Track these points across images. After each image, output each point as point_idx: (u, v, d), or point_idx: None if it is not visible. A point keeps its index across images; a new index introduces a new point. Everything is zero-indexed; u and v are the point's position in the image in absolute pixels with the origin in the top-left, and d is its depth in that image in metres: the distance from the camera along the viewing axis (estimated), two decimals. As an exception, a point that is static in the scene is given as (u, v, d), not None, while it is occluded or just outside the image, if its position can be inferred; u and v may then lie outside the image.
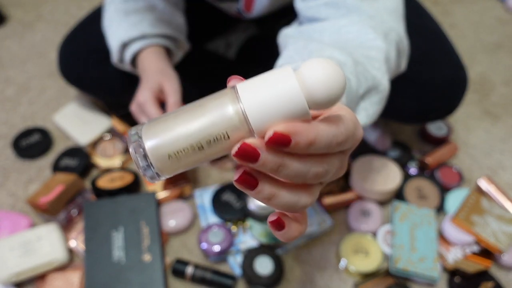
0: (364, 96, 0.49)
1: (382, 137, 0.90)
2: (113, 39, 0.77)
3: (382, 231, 0.81)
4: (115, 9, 0.78)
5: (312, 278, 0.77)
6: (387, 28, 0.54)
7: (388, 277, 0.76)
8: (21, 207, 0.87)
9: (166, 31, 0.79)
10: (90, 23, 0.88)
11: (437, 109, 0.78)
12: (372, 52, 0.50)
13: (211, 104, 0.27)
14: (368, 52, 0.50)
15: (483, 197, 0.83)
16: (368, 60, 0.49)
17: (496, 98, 1.08)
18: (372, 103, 0.50)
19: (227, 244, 0.76)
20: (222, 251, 0.76)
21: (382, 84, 0.49)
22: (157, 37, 0.78)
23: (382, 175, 0.85)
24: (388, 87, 0.51)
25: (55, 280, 0.74)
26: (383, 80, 0.49)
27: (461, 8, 1.34)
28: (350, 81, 0.44)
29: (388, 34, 0.54)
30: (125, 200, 0.81)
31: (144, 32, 0.76)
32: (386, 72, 0.50)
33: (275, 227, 0.30)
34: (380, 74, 0.49)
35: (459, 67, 0.77)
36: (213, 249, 0.76)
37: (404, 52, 0.59)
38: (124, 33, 0.76)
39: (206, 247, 0.76)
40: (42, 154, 0.95)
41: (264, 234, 0.78)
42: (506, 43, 1.22)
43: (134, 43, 0.77)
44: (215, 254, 0.76)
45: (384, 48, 0.51)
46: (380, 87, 0.50)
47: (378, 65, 0.50)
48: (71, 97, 1.07)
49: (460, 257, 0.76)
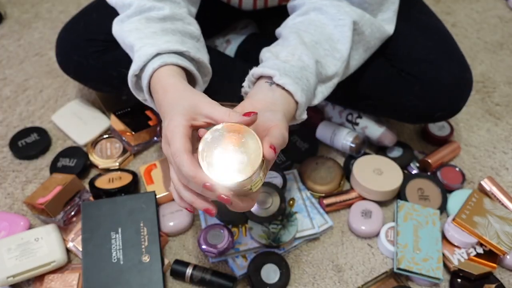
0: (320, 83, 0.64)
1: (387, 133, 0.89)
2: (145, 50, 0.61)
3: (385, 228, 0.80)
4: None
5: (312, 280, 0.77)
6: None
7: (391, 279, 0.75)
8: (19, 208, 0.86)
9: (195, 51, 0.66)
10: (89, 13, 0.87)
11: (441, 109, 0.77)
12: (338, 45, 0.64)
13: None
14: (335, 44, 0.64)
15: (486, 198, 0.82)
16: (332, 51, 0.64)
17: (498, 97, 1.07)
18: (327, 87, 0.65)
19: (227, 246, 0.76)
20: (222, 252, 0.75)
21: (336, 73, 0.65)
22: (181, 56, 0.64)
23: (383, 175, 0.85)
24: (342, 71, 0.65)
25: (53, 282, 0.73)
26: (339, 70, 0.65)
27: (463, 6, 1.33)
28: (310, 79, 0.59)
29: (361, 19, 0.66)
30: (124, 200, 0.80)
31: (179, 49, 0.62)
32: (345, 61, 0.65)
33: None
34: (337, 65, 0.64)
35: (464, 68, 0.77)
36: (213, 251, 0.75)
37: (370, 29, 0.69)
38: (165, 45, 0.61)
39: (206, 248, 0.75)
40: (40, 154, 0.94)
41: (265, 235, 0.77)
42: (508, 42, 1.21)
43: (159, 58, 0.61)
44: (215, 255, 0.75)
45: (350, 39, 0.65)
46: (334, 77, 0.65)
47: (339, 56, 0.64)
48: (69, 97, 1.06)
49: (464, 258, 0.76)
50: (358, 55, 0.70)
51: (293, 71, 0.58)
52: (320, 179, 0.88)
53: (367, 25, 0.67)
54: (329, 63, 0.64)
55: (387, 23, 0.71)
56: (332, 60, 0.64)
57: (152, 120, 0.94)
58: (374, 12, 0.69)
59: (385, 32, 0.71)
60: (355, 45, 0.68)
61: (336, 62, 0.64)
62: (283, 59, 0.60)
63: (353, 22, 0.65)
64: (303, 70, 0.59)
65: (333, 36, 0.65)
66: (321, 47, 0.64)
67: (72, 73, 0.89)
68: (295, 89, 0.56)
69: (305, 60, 0.60)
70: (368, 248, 0.81)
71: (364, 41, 0.68)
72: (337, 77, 0.65)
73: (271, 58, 0.62)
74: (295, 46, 0.62)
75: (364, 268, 0.78)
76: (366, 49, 0.70)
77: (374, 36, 0.69)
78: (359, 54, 0.69)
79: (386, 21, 0.71)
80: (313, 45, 0.63)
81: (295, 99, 0.57)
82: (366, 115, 0.92)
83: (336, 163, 0.91)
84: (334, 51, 0.64)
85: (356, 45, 0.68)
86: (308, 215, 0.82)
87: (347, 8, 0.65)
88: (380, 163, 0.87)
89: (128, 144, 0.92)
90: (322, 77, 0.63)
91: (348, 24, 0.64)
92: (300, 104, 0.57)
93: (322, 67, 0.63)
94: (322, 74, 0.63)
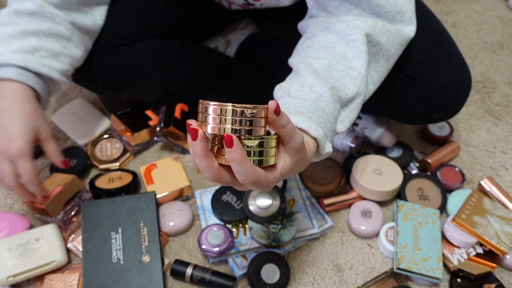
0: (343, 107, 0.60)
1: (386, 133, 0.90)
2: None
3: (385, 228, 0.80)
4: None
5: (312, 280, 0.77)
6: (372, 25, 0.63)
7: (391, 279, 0.75)
8: (19, 208, 0.86)
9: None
10: None
11: (440, 110, 0.78)
12: (353, 62, 0.61)
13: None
14: (350, 62, 0.61)
15: (486, 198, 0.82)
16: (348, 71, 0.60)
17: (498, 97, 1.07)
18: (351, 110, 0.61)
19: (228, 245, 0.76)
20: (222, 251, 0.75)
21: (358, 93, 0.60)
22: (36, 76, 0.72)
23: (383, 175, 0.85)
24: (363, 88, 0.61)
25: (53, 282, 0.73)
26: (360, 88, 0.60)
27: (462, 6, 1.33)
28: (327, 108, 0.56)
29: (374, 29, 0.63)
30: (124, 200, 0.80)
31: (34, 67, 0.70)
32: (364, 77, 0.61)
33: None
34: (357, 84, 0.60)
35: (463, 69, 0.77)
36: (213, 250, 0.75)
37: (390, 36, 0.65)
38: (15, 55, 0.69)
39: (206, 248, 0.76)
40: (40, 154, 0.94)
41: (265, 235, 0.77)
42: (508, 42, 1.21)
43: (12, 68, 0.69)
44: (215, 255, 0.76)
45: (365, 53, 0.61)
46: (356, 97, 0.61)
47: (356, 74, 0.60)
48: (69, 97, 1.06)
49: (464, 258, 0.76)
50: (380, 67, 0.65)
51: (305, 106, 0.55)
52: (320, 179, 0.88)
53: (382, 33, 0.63)
54: (347, 83, 0.60)
55: (406, 24, 0.66)
56: (349, 80, 0.60)
57: (153, 120, 0.94)
58: (389, 15, 0.64)
59: (405, 36, 0.66)
60: (374, 58, 0.63)
61: (355, 81, 0.60)
62: (294, 95, 0.57)
63: (365, 34, 0.61)
64: (316, 101, 0.55)
65: (346, 54, 0.61)
66: (334, 70, 0.60)
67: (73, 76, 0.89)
68: (309, 125, 0.53)
69: (317, 91, 0.56)
70: (368, 248, 0.81)
71: (383, 51, 0.64)
72: (360, 96, 0.61)
73: (282, 96, 0.59)
74: (305, 78, 0.58)
75: (364, 268, 0.78)
76: (387, 58, 0.65)
77: (393, 43, 0.65)
78: (380, 65, 0.65)
79: (406, 22, 0.66)
80: (325, 70, 0.60)
81: (311, 135, 0.53)
82: (366, 115, 0.92)
83: (336, 163, 0.91)
84: (350, 70, 0.60)
85: (375, 57, 0.64)
86: (308, 215, 0.82)
87: (357, 21, 0.62)
88: (380, 163, 0.87)
89: (128, 144, 0.92)
90: (343, 101, 0.59)
91: (360, 38, 0.60)
92: (318, 138, 0.53)
93: (340, 91, 0.59)
94: (342, 98, 0.59)
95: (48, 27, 0.73)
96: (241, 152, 0.42)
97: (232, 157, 0.42)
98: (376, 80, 0.65)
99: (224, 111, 0.42)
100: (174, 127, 0.89)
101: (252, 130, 0.43)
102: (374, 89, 0.66)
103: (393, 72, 0.78)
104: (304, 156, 0.49)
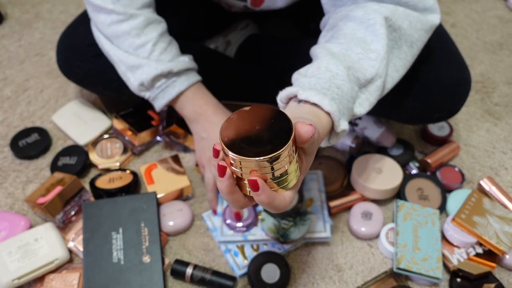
0: (362, 89, 0.58)
1: (386, 133, 0.90)
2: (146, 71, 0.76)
3: (385, 229, 0.80)
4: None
5: (312, 280, 0.77)
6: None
7: (390, 279, 0.76)
8: (19, 207, 0.86)
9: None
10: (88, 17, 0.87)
11: (440, 110, 0.78)
12: (372, 45, 0.59)
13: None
14: (369, 46, 0.59)
15: (485, 198, 0.82)
16: (366, 53, 0.58)
17: (498, 97, 1.07)
18: (371, 92, 0.59)
19: (251, 221, 0.79)
20: (246, 226, 0.79)
21: (377, 74, 0.58)
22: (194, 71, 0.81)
23: (383, 173, 0.85)
24: (383, 70, 0.59)
25: (53, 281, 0.74)
26: (379, 70, 0.58)
27: (462, 7, 1.33)
28: (343, 86, 0.54)
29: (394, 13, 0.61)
30: (125, 200, 0.80)
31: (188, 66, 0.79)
32: (384, 59, 0.59)
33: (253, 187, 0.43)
34: (375, 66, 0.58)
35: (462, 69, 0.77)
36: (237, 225, 0.79)
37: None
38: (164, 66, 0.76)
39: (230, 223, 0.79)
40: (41, 154, 0.94)
41: (274, 229, 0.78)
42: (508, 42, 1.21)
43: (178, 77, 0.78)
44: (240, 230, 0.79)
45: (385, 36, 0.59)
46: (375, 79, 0.59)
47: (375, 56, 0.58)
48: (69, 97, 1.06)
49: (464, 258, 0.76)
50: (404, 53, 0.63)
51: (319, 83, 0.53)
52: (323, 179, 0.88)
53: (402, 18, 0.61)
54: (365, 65, 0.58)
55: (429, 12, 0.65)
56: (368, 62, 0.58)
57: (155, 120, 0.94)
58: (409, 4, 0.63)
59: (428, 22, 0.64)
60: (396, 44, 0.62)
61: (373, 62, 0.58)
62: (309, 75, 0.56)
63: (384, 18, 0.59)
64: (331, 79, 0.54)
65: (366, 39, 0.60)
66: (352, 53, 0.59)
67: (74, 77, 0.89)
68: (321, 98, 0.50)
69: (332, 69, 0.55)
70: (368, 248, 0.81)
71: (405, 36, 0.62)
72: (380, 78, 0.59)
73: (298, 78, 0.58)
74: (321, 59, 0.57)
75: (364, 267, 0.78)
76: (411, 44, 0.63)
77: (415, 28, 0.62)
78: (403, 52, 0.63)
79: (428, 10, 0.64)
80: (343, 53, 0.59)
81: (324, 109, 0.51)
82: (366, 115, 0.92)
83: (338, 163, 0.91)
84: (369, 52, 0.59)
85: (397, 43, 0.62)
86: (322, 217, 0.81)
87: (376, 6, 0.61)
88: (380, 161, 0.87)
89: (132, 144, 0.93)
90: (361, 82, 0.58)
91: (379, 21, 0.59)
92: (332, 113, 0.51)
93: (357, 71, 0.57)
94: (360, 78, 0.57)
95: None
96: (268, 194, 0.42)
97: (259, 200, 0.43)
98: (400, 67, 0.63)
99: (248, 164, 0.41)
100: (176, 125, 0.89)
101: (277, 171, 0.42)
102: (398, 77, 0.63)
103: None
104: (318, 143, 0.49)
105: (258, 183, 0.41)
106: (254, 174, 0.42)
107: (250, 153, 0.40)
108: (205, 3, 0.94)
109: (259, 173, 0.41)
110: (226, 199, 0.45)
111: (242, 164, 0.41)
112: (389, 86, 0.63)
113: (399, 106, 0.79)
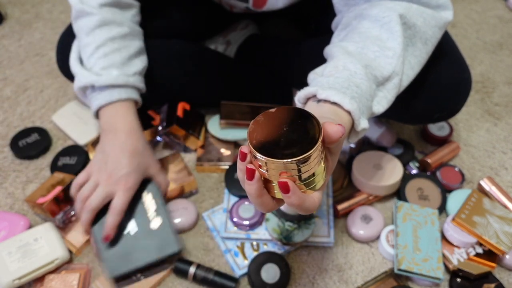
0: (379, 87, 0.59)
1: (386, 133, 0.90)
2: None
3: (385, 231, 0.80)
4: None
5: (312, 280, 0.77)
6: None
7: (391, 279, 0.76)
8: (19, 207, 0.86)
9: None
10: None
11: (441, 110, 0.78)
12: (388, 43, 0.59)
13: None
14: (385, 43, 0.59)
15: (485, 198, 0.82)
16: (383, 51, 0.59)
17: (498, 97, 1.07)
18: (388, 90, 0.59)
19: (258, 219, 0.80)
20: (252, 225, 0.80)
21: (394, 71, 0.58)
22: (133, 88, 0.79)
23: (383, 169, 0.85)
24: (400, 68, 0.59)
25: (53, 281, 0.74)
26: (396, 68, 0.58)
27: (462, 7, 1.33)
28: (362, 85, 0.54)
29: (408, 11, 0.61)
30: None
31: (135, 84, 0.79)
32: (400, 56, 0.59)
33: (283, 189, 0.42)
34: (393, 63, 0.58)
35: (463, 69, 0.77)
36: (243, 223, 0.79)
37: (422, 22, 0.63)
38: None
39: (237, 221, 0.80)
40: (41, 154, 0.94)
41: (278, 230, 0.78)
42: (508, 43, 1.21)
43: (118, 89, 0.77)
44: (245, 228, 0.80)
45: (400, 33, 0.59)
46: (393, 77, 0.59)
47: (392, 53, 0.58)
48: (69, 97, 1.06)
49: (464, 258, 0.76)
50: (418, 51, 0.63)
51: (338, 82, 0.53)
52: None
53: (417, 15, 0.61)
54: (382, 63, 0.58)
55: (442, 9, 0.65)
56: (384, 59, 0.58)
57: (155, 120, 0.94)
58: (423, 1, 0.63)
59: (442, 19, 0.64)
60: (411, 41, 0.62)
61: (390, 60, 0.58)
62: (327, 74, 0.56)
63: (399, 15, 0.59)
64: (350, 78, 0.54)
65: (381, 37, 0.60)
66: (369, 51, 0.59)
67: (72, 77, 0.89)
68: (341, 98, 0.50)
69: (350, 68, 0.55)
70: (368, 248, 0.81)
71: (419, 34, 0.62)
72: (397, 76, 0.59)
73: (315, 78, 0.58)
74: (338, 58, 0.57)
75: (364, 267, 0.78)
76: (425, 41, 0.63)
77: (429, 25, 0.63)
78: (418, 49, 0.63)
79: (442, 7, 0.65)
80: (359, 51, 0.59)
81: (345, 108, 0.51)
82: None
83: (339, 163, 0.91)
84: (385, 50, 0.59)
85: (411, 41, 0.62)
86: (327, 223, 0.81)
87: (390, 4, 0.61)
88: (380, 158, 0.87)
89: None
90: (379, 80, 0.58)
91: (394, 19, 0.59)
92: (352, 111, 0.51)
93: (375, 69, 0.57)
94: (378, 76, 0.57)
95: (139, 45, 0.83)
96: (299, 196, 0.42)
97: (290, 202, 0.42)
98: (414, 65, 0.63)
99: (277, 166, 0.40)
100: (177, 125, 0.89)
101: (306, 173, 0.41)
102: (413, 75, 0.63)
103: None
104: (342, 142, 0.49)
105: (289, 185, 0.41)
106: (283, 176, 0.41)
107: (279, 155, 0.39)
108: (206, 4, 0.94)
109: (288, 174, 0.41)
110: (254, 203, 0.44)
111: (271, 166, 0.40)
112: (405, 84, 0.62)
113: (399, 106, 0.79)
